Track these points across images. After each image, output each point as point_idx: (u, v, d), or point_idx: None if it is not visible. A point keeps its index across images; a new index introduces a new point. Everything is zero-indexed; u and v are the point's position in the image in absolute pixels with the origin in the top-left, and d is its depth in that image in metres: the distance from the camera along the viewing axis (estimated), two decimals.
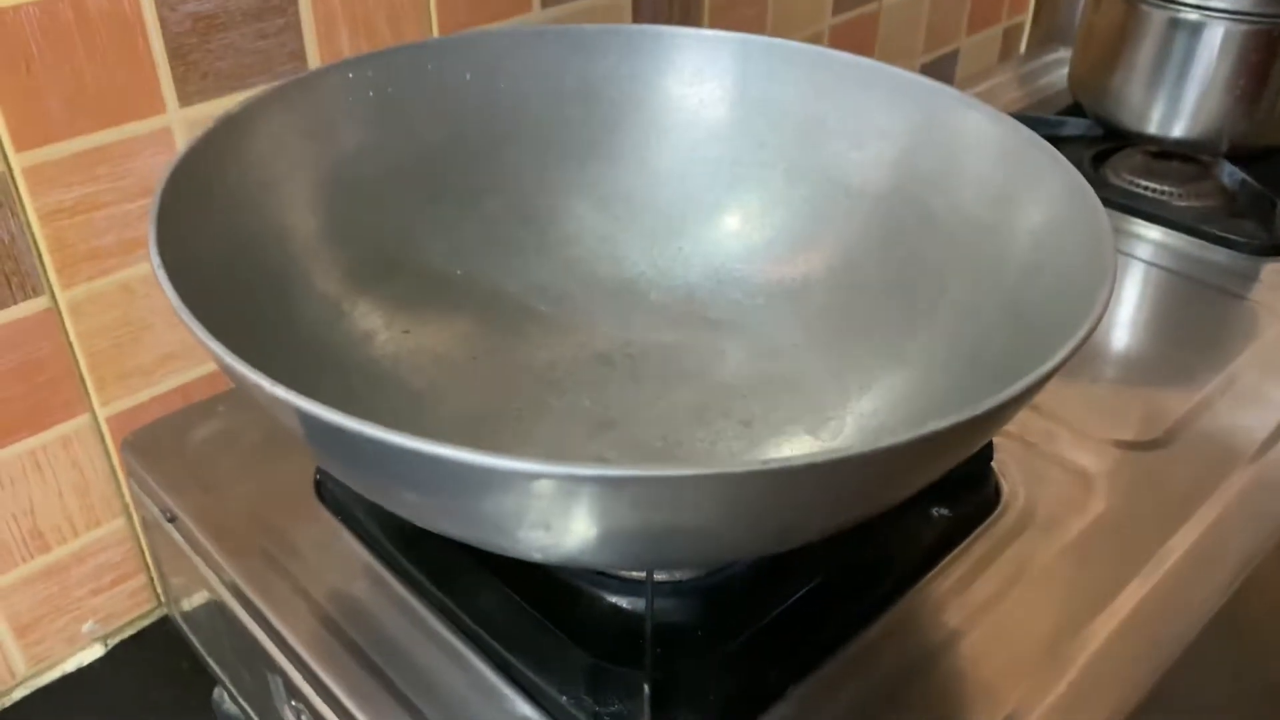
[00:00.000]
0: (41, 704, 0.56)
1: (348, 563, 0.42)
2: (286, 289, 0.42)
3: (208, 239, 0.38)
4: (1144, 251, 0.65)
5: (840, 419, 0.44)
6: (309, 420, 0.27)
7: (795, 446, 0.43)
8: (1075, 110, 0.76)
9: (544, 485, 0.26)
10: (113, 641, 0.59)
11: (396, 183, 0.48)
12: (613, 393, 0.47)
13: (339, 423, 0.26)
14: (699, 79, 0.52)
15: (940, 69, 0.93)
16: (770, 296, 0.50)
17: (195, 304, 0.31)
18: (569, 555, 0.31)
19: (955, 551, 0.42)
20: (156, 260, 0.32)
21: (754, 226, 0.51)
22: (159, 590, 0.59)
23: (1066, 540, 0.43)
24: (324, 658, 0.38)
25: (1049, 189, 0.40)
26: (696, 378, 0.47)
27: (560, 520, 0.28)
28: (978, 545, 0.43)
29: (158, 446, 0.48)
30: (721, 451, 0.43)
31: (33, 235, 0.48)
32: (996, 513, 0.44)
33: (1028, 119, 0.74)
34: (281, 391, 0.27)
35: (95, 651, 0.58)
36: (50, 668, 0.57)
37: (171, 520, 0.45)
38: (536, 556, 0.31)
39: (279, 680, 0.41)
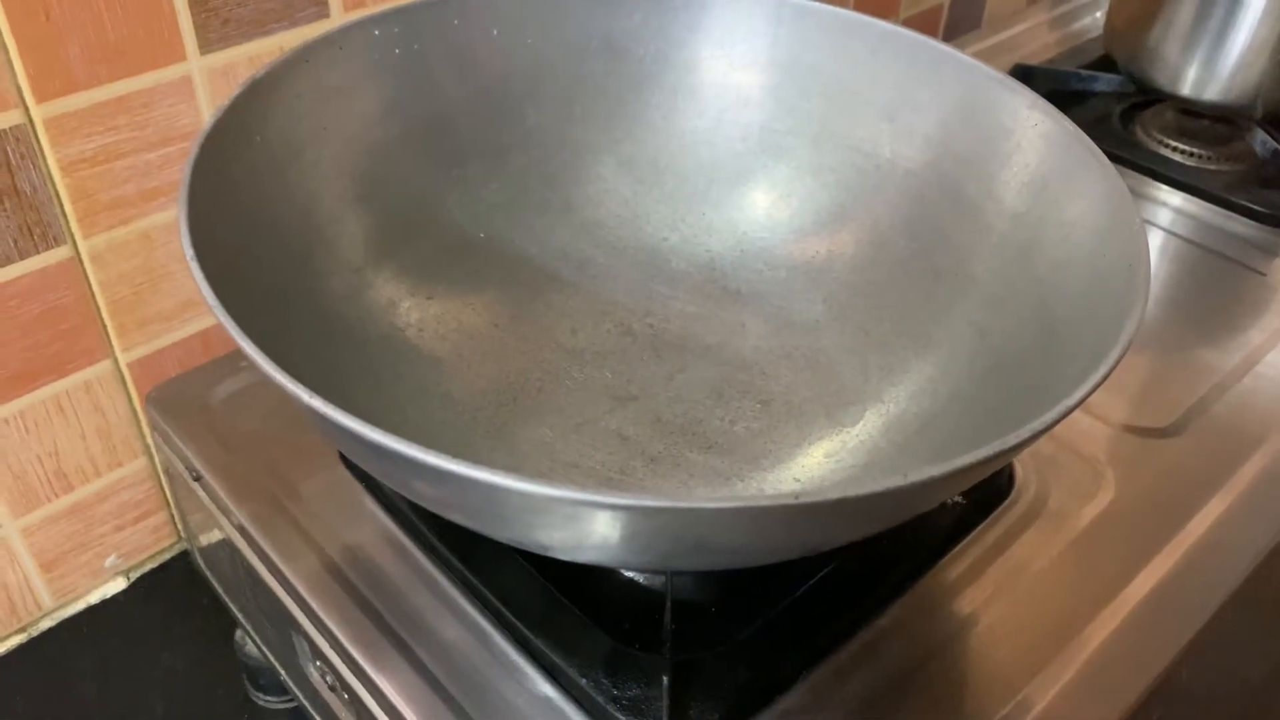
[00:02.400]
0: (67, 635, 0.58)
1: (371, 530, 0.43)
2: (309, 258, 0.42)
3: (233, 214, 0.38)
4: (1164, 218, 0.64)
5: (860, 404, 0.44)
6: (345, 431, 0.28)
7: (813, 431, 0.44)
8: (1108, 63, 0.75)
9: (567, 507, 0.26)
10: (135, 575, 0.60)
11: (420, 143, 0.47)
12: (633, 364, 0.47)
13: (369, 436, 0.27)
14: (729, 40, 0.51)
15: (968, 8, 0.91)
16: (793, 269, 0.50)
17: (225, 293, 0.31)
18: (589, 559, 0.31)
19: (967, 539, 0.43)
20: (190, 252, 0.32)
21: (780, 195, 0.51)
22: (180, 530, 0.60)
23: (1078, 529, 0.44)
24: (347, 625, 0.39)
25: (1087, 185, 0.40)
26: (716, 351, 0.47)
27: (582, 533, 0.28)
28: (990, 533, 0.44)
29: (182, 402, 0.48)
30: (740, 432, 0.44)
31: (54, 185, 0.47)
32: (1009, 500, 0.45)
33: (1057, 72, 0.73)
34: (320, 404, 0.28)
35: (118, 584, 0.60)
36: (75, 600, 0.59)
37: (197, 479, 0.45)
38: (557, 556, 0.32)
39: (304, 641, 0.42)
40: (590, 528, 0.27)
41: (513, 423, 0.43)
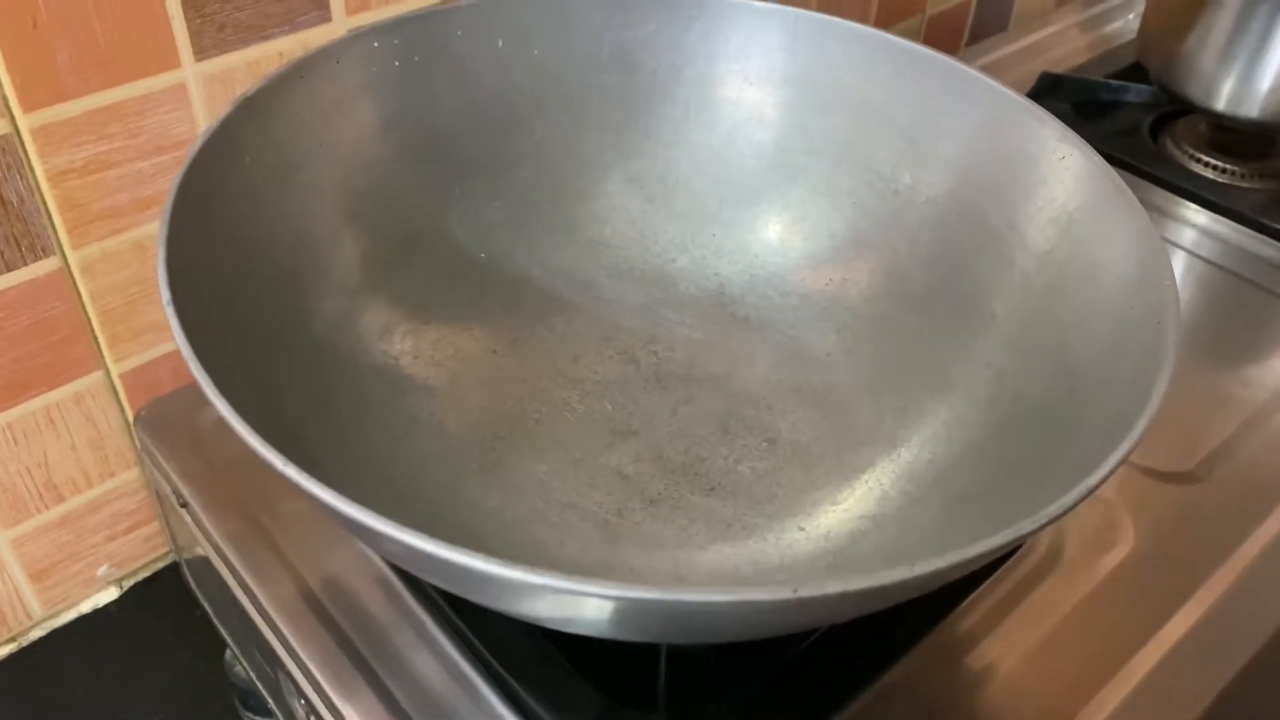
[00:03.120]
0: (58, 644, 0.57)
1: (355, 561, 0.42)
2: (301, 281, 0.40)
3: (221, 240, 0.36)
4: (1191, 239, 0.62)
5: (871, 446, 0.42)
6: (312, 497, 0.26)
7: (821, 475, 0.42)
8: (1139, 70, 0.72)
9: (548, 593, 0.25)
10: (128, 584, 0.59)
11: (420, 159, 0.46)
12: (636, 395, 0.45)
13: (338, 506, 0.25)
14: (745, 53, 0.49)
15: (995, 8, 0.88)
16: (805, 297, 0.48)
17: (205, 341, 0.30)
18: (581, 632, 0.30)
19: (978, 591, 0.41)
20: (166, 295, 0.30)
21: (794, 218, 0.49)
22: (172, 545, 0.59)
23: (1096, 580, 0.42)
24: (321, 657, 0.38)
25: (1117, 228, 0.38)
26: (723, 382, 0.46)
27: (569, 612, 0.27)
28: (1003, 584, 0.42)
29: (171, 422, 0.47)
30: (745, 473, 0.42)
31: (42, 196, 0.46)
32: (1023, 550, 0.43)
33: (1085, 82, 0.71)
34: (294, 472, 0.26)
35: (111, 594, 0.59)
36: (66, 609, 0.58)
37: (184, 506, 0.44)
38: (549, 625, 0.30)
39: (287, 680, 0.41)
40: (576, 610, 0.26)
41: (508, 457, 0.42)
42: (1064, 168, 0.41)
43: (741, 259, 0.49)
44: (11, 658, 0.56)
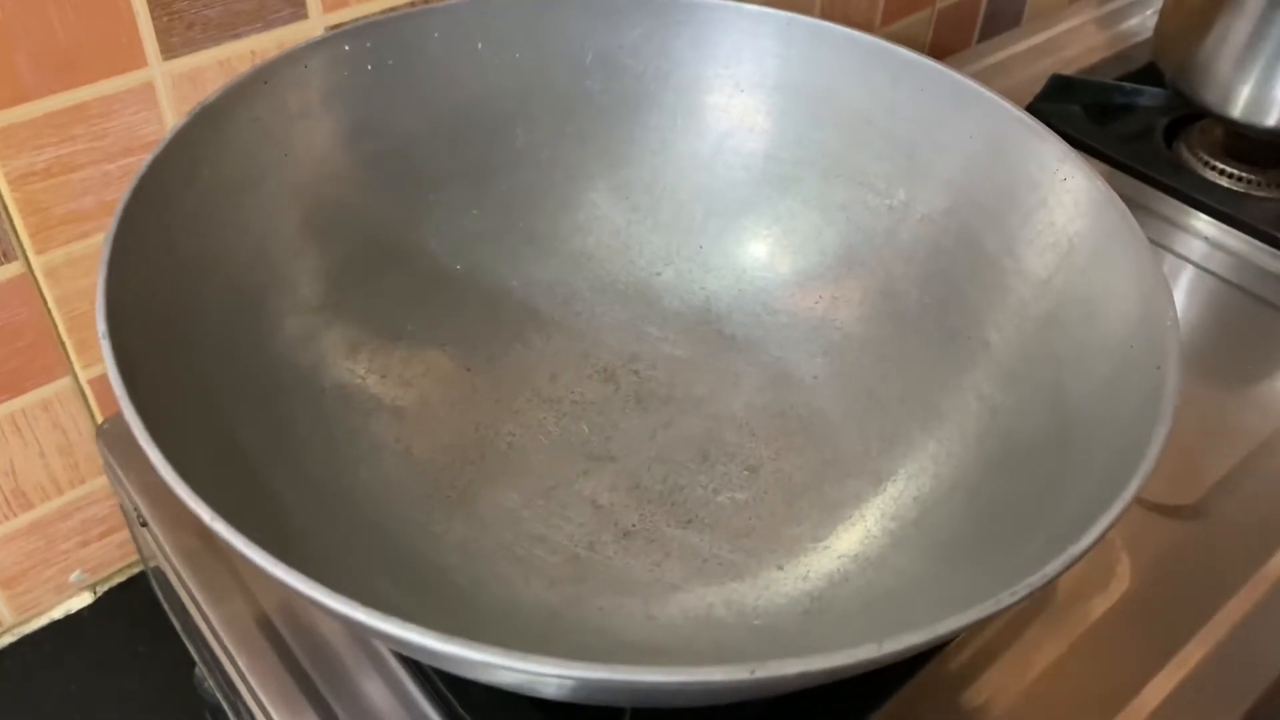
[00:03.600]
0: (29, 651, 0.56)
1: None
2: (262, 299, 0.39)
3: (172, 261, 0.35)
4: (1199, 251, 0.59)
5: (856, 478, 0.40)
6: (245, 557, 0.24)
7: (803, 507, 0.40)
8: (1155, 71, 0.69)
9: (502, 670, 0.23)
10: (102, 589, 0.58)
11: (395, 167, 0.44)
12: (615, 417, 0.43)
13: (271, 570, 0.23)
14: (736, 59, 0.47)
15: (1008, 3, 0.85)
16: (794, 315, 0.46)
17: (151, 373, 0.28)
18: (545, 696, 0.28)
19: (966, 632, 0.39)
20: (103, 327, 0.29)
21: (784, 231, 0.47)
22: (141, 557, 0.58)
23: (1089, 621, 0.41)
24: (277, 693, 0.37)
25: (1118, 259, 0.36)
26: (706, 404, 0.44)
27: (528, 684, 0.25)
28: (992, 624, 0.40)
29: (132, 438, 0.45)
30: (724, 504, 0.40)
31: (2, 200, 0.44)
32: None
33: (1097, 84, 0.68)
34: (221, 527, 0.24)
35: (84, 599, 0.58)
36: (38, 615, 0.57)
37: (143, 525, 0.43)
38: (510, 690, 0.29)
39: (240, 702, 0.39)
40: (528, 681, 0.24)
41: (478, 484, 0.40)
42: (1065, 190, 0.39)
43: (729, 273, 0.47)
44: None
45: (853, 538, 0.38)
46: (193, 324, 0.35)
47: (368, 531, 0.35)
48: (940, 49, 0.79)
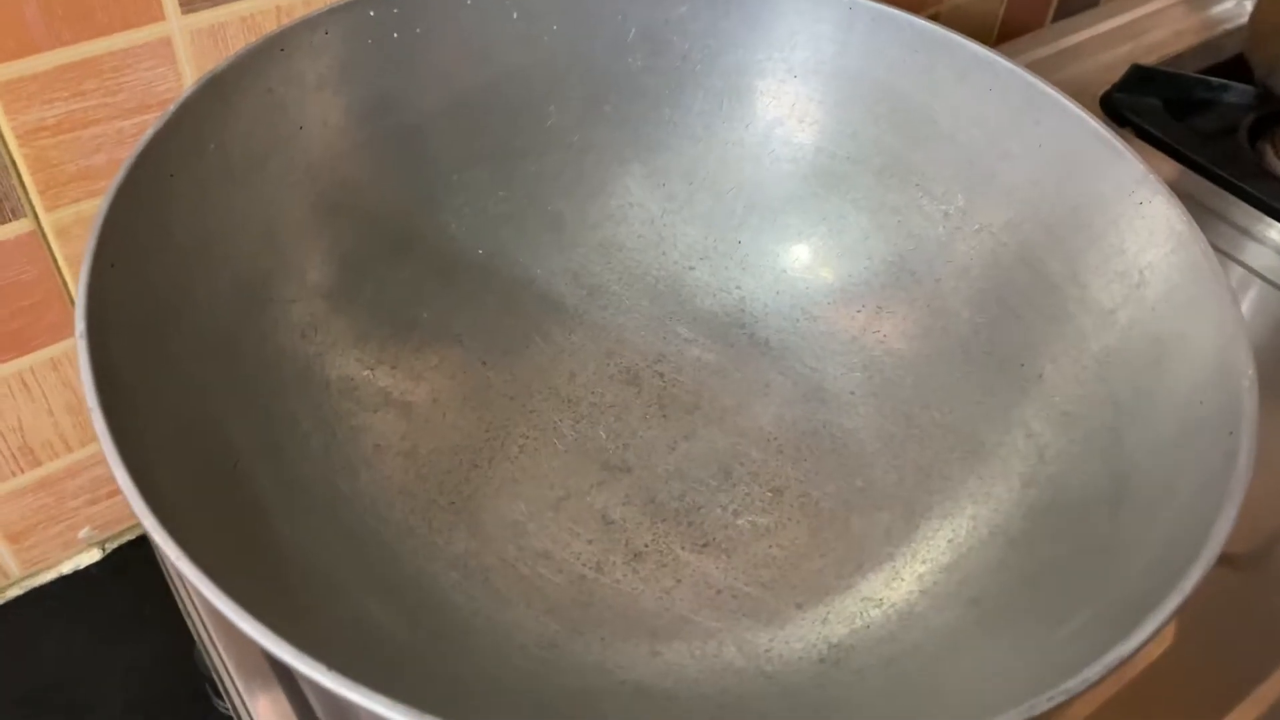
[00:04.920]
0: (35, 603, 0.55)
1: None
2: (267, 285, 0.36)
3: (170, 243, 0.33)
4: (1271, 265, 0.55)
5: (887, 510, 0.38)
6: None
7: (827, 539, 0.38)
8: (1243, 64, 0.65)
9: None
10: (111, 546, 0.57)
11: (417, 143, 0.41)
12: (634, 424, 0.41)
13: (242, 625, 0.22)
14: (790, 42, 0.43)
15: None
16: (834, 324, 0.43)
17: (134, 374, 0.26)
18: None
19: None
20: (81, 327, 0.27)
21: (830, 232, 0.44)
22: None
23: (1126, 677, 0.38)
24: (243, 665, 0.35)
25: (1195, 300, 0.33)
26: (732, 416, 0.41)
27: None
28: None
29: None
30: (744, 528, 0.38)
31: (10, 155, 0.42)
32: None
33: (1179, 78, 0.63)
34: (187, 566, 0.22)
35: (93, 555, 0.57)
36: (46, 569, 0.56)
37: None
38: None
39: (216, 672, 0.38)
40: None
41: (484, 491, 0.38)
42: (1140, 215, 0.36)
43: (767, 274, 0.44)
44: None
45: (878, 579, 0.35)
46: (187, 314, 0.33)
47: (363, 542, 0.33)
48: (1012, 27, 0.74)
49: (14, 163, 0.42)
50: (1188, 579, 0.24)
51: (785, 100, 0.44)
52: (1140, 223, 0.36)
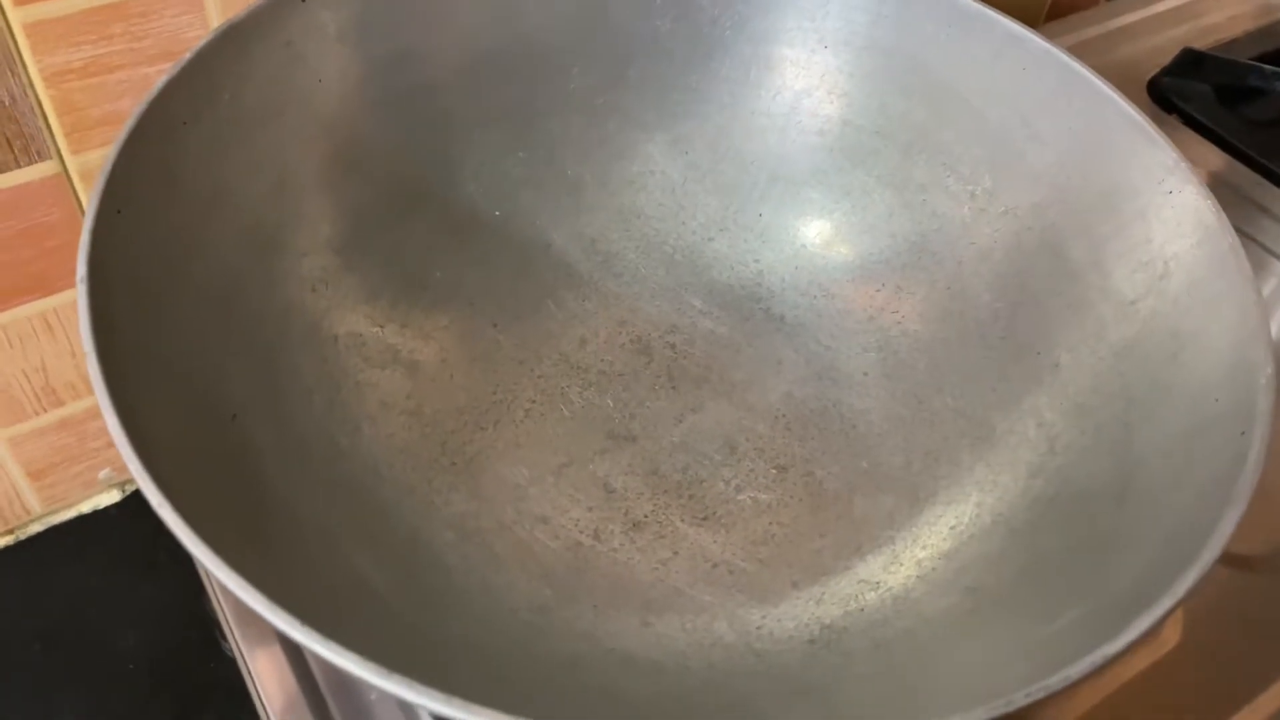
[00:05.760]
0: (54, 541, 0.57)
1: None
2: (277, 239, 0.36)
3: (180, 192, 0.33)
4: None
5: (892, 494, 0.37)
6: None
7: (828, 518, 0.37)
8: None
9: None
10: (130, 488, 0.58)
11: (436, 99, 0.41)
12: (642, 393, 0.41)
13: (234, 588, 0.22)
14: (822, 11, 0.42)
15: None
16: (851, 302, 0.42)
17: (134, 323, 0.26)
18: None
19: None
20: (83, 271, 0.27)
21: (853, 208, 0.43)
22: None
23: (1127, 675, 0.37)
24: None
25: (1217, 296, 0.32)
26: (741, 391, 0.41)
27: None
28: None
29: None
30: (745, 503, 0.38)
31: (37, 97, 0.42)
32: None
33: (1232, 64, 0.61)
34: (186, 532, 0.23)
35: (112, 496, 0.58)
36: (66, 508, 0.57)
37: None
38: None
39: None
40: None
41: (487, 453, 0.38)
42: (1170, 204, 0.34)
43: (787, 247, 0.44)
44: (8, 549, 0.56)
45: (877, 562, 0.35)
46: (195, 262, 0.33)
47: (359, 499, 0.34)
48: (1064, 6, 0.72)
49: (40, 104, 0.43)
50: (1182, 582, 0.24)
51: (814, 70, 0.43)
52: (1169, 212, 0.34)
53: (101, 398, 0.25)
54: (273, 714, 0.34)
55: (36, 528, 0.56)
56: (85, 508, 0.57)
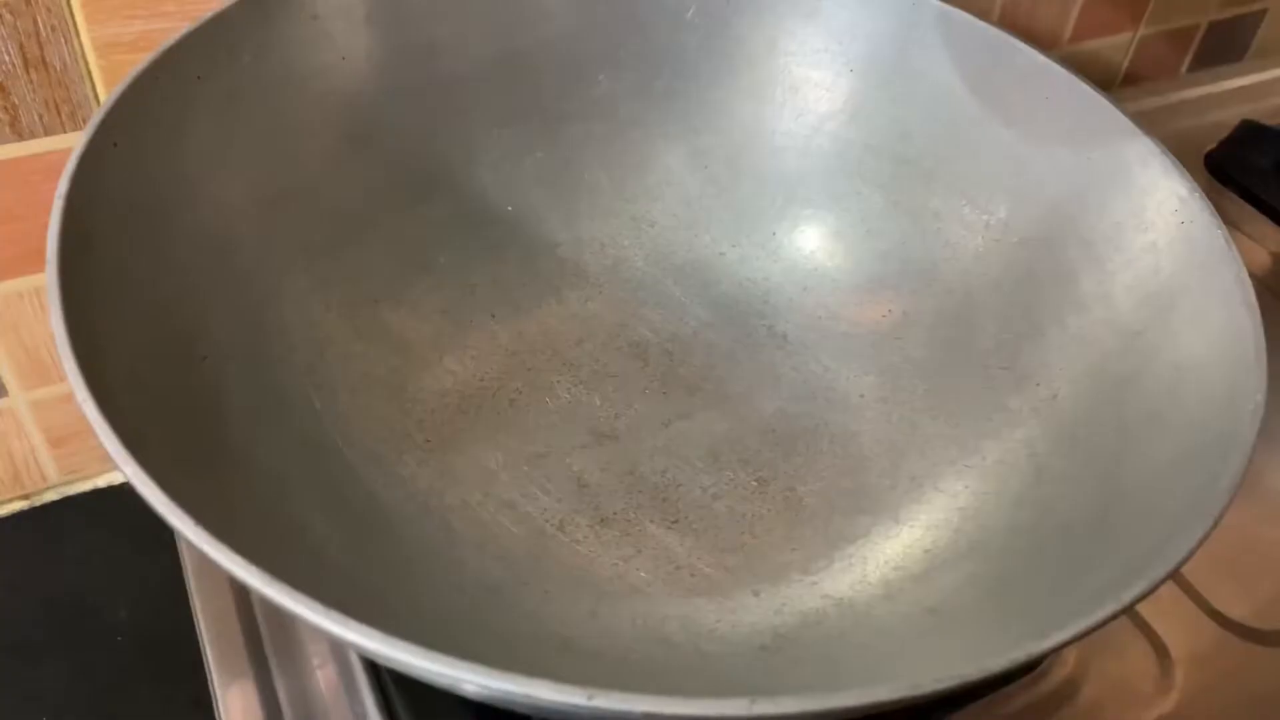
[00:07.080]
0: (69, 510, 0.57)
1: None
2: (282, 203, 0.37)
3: (186, 153, 0.33)
4: None
5: (872, 515, 0.36)
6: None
7: (803, 535, 0.36)
8: None
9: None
10: None
11: (461, 91, 0.41)
12: (632, 396, 0.40)
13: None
14: (850, 35, 0.42)
15: (1233, 34, 0.76)
16: (856, 325, 0.41)
17: (100, 289, 0.27)
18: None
19: (966, 710, 0.34)
20: (55, 228, 0.27)
21: (868, 232, 0.42)
22: None
23: None
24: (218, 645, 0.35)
25: (1217, 327, 0.30)
26: (734, 404, 0.40)
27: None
28: (997, 704, 0.35)
29: None
30: (720, 511, 0.36)
31: (87, 65, 0.44)
32: (1037, 671, 0.36)
33: None
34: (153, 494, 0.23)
35: None
36: (82, 480, 0.58)
37: None
38: None
39: None
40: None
41: (464, 436, 0.37)
42: (1182, 236, 0.33)
43: (798, 267, 0.43)
44: (22, 514, 0.57)
45: (845, 580, 0.34)
46: (191, 210, 0.33)
47: (324, 458, 0.33)
48: (1136, 78, 0.71)
49: (89, 73, 0.44)
50: (1124, 595, 0.22)
51: (839, 93, 0.43)
52: (1180, 245, 0.33)
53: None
54: (212, 663, 0.34)
55: (51, 496, 0.57)
56: (101, 482, 0.58)
